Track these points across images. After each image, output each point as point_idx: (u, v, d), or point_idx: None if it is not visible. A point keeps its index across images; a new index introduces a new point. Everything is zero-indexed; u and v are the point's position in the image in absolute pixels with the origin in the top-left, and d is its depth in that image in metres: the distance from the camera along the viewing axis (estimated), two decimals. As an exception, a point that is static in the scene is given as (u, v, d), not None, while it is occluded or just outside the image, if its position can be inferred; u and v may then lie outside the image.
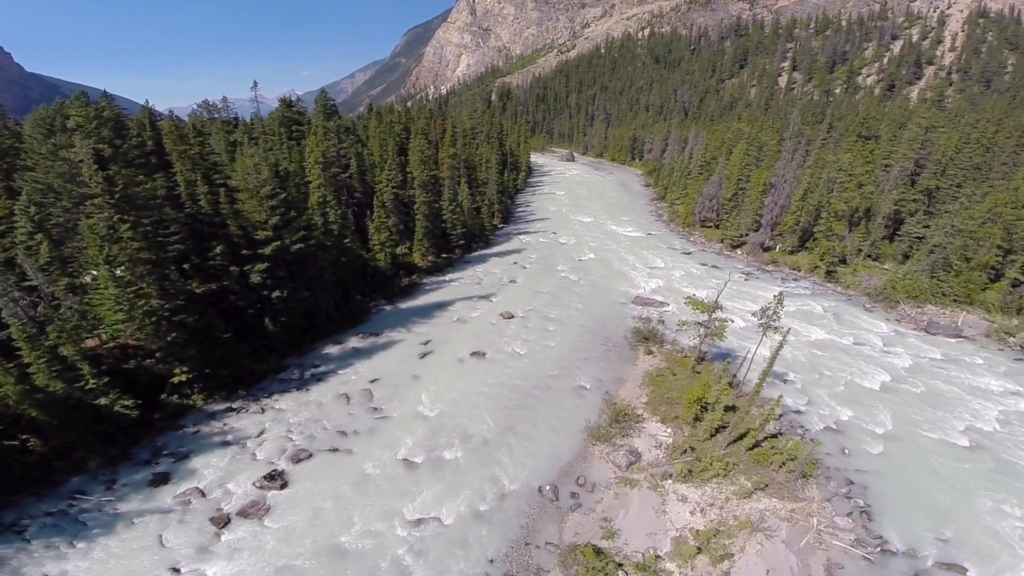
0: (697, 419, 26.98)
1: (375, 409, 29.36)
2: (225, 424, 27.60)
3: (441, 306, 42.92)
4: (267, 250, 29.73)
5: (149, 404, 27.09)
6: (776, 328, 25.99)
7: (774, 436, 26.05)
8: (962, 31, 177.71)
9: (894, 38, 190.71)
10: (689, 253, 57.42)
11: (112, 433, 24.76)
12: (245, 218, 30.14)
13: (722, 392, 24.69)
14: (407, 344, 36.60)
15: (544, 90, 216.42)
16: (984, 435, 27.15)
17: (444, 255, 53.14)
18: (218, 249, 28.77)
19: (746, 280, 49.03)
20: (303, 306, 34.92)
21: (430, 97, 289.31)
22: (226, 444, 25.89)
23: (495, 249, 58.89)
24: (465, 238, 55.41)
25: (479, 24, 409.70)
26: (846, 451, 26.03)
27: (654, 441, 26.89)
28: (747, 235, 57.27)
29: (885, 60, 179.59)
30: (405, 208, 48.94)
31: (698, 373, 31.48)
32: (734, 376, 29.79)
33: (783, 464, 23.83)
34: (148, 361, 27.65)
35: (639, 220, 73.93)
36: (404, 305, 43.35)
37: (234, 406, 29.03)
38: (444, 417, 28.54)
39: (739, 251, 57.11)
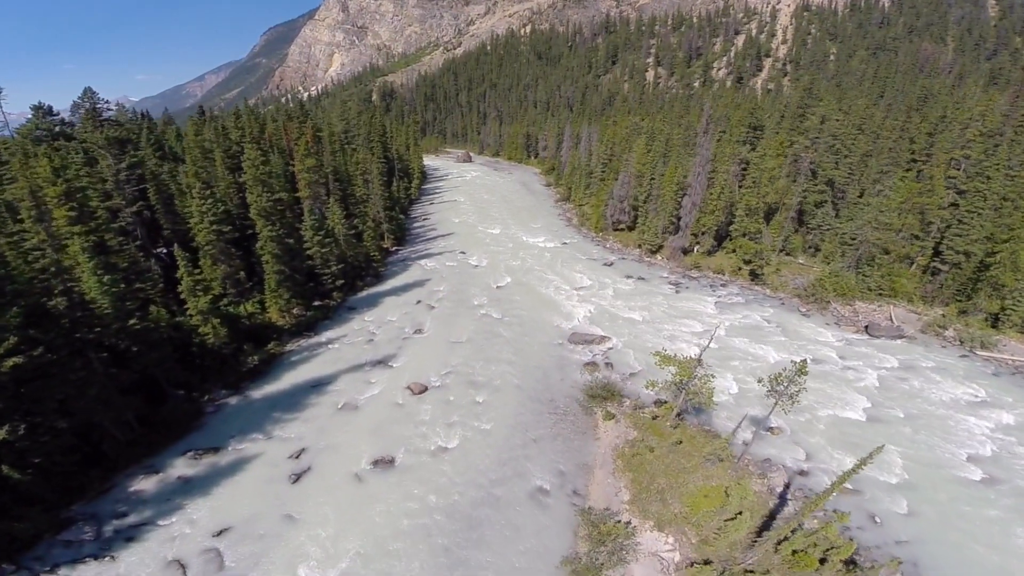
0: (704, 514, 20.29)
1: (231, 585, 18.42)
2: (0, 617, 15.92)
3: (317, 386, 31.21)
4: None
5: None
6: (793, 399, 20.04)
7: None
8: (791, 24, 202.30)
9: (737, 33, 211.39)
10: (610, 264, 52.15)
11: None
12: None
13: (744, 495, 18.04)
14: (268, 460, 25.07)
15: (432, 88, 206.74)
16: (989, 463, 24.56)
17: (317, 303, 40.44)
18: None
19: (677, 292, 44.68)
20: (69, 435, 21.93)
21: (298, 98, 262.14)
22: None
23: (389, 284, 47.32)
24: (345, 275, 42.90)
25: (353, 22, 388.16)
26: (877, 519, 21.41)
27: (659, 563, 19.54)
28: (663, 237, 53.67)
29: (732, 54, 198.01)
30: (245, 248, 35.90)
31: (680, 444, 24.94)
32: (727, 448, 23.68)
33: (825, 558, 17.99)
34: None
35: (550, 227, 67.83)
36: (258, 393, 30.83)
37: (3, 588, 17.35)
38: (348, 584, 18.69)
39: (658, 256, 53.29)
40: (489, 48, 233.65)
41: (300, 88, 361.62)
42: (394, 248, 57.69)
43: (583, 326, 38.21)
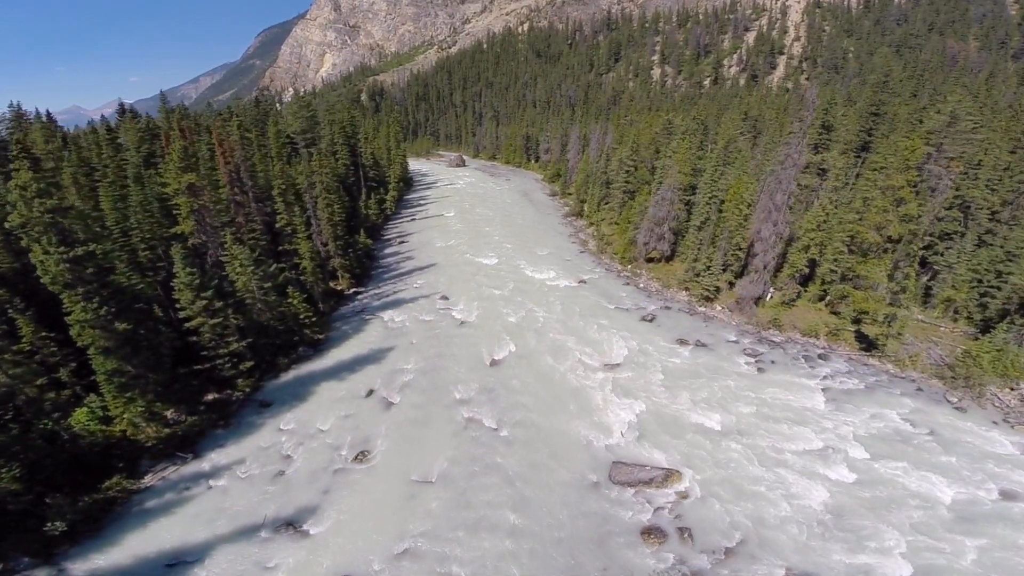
0: None
1: None
2: None
3: (176, 566, 16.94)
4: None
5: None
6: None
7: None
8: (803, 20, 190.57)
9: (747, 30, 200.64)
10: (651, 318, 37.50)
11: None
12: None
13: None
14: None
15: (425, 88, 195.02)
16: None
17: (212, 396, 25.93)
18: None
19: (759, 371, 30.23)
20: None
21: (287, 99, 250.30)
22: None
23: (331, 357, 31.60)
24: (258, 352, 28.06)
25: (345, 21, 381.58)
26: None
27: None
28: (717, 276, 39.26)
29: (743, 51, 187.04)
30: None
31: None
32: None
33: None
34: None
35: (561, 253, 53.41)
36: (80, 567, 17.06)
37: None
38: None
39: (717, 305, 38.90)
40: (485, 46, 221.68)
41: (290, 88, 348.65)
42: (351, 290, 42.42)
43: (630, 445, 23.64)
